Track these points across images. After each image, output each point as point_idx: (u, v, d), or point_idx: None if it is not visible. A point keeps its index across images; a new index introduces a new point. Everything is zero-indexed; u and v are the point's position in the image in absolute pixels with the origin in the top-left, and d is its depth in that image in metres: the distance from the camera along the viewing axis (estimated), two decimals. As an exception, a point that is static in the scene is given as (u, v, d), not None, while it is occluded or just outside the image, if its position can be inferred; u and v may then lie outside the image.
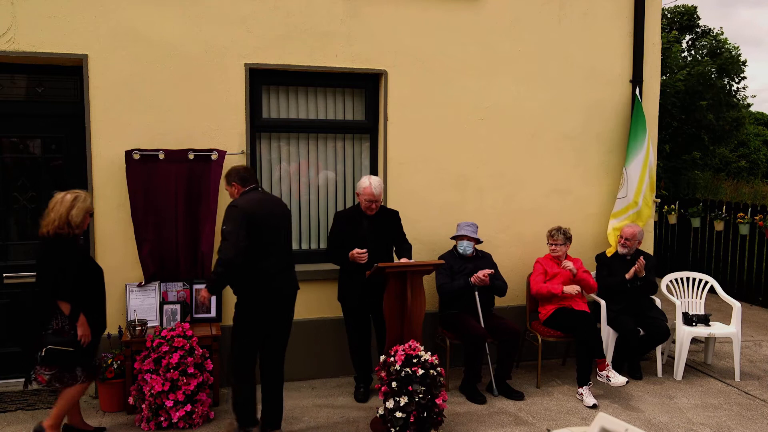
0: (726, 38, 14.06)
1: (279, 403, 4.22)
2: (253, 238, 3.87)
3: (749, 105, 16.35)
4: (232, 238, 3.82)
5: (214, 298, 4.95)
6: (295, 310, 5.21)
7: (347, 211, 5.01)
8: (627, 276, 5.34)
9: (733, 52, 13.58)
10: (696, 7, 15.11)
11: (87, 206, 3.94)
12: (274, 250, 4.00)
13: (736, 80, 13.77)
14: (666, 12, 15.32)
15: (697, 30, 15.10)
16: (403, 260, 4.72)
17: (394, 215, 5.03)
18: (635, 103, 5.77)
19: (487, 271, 5.00)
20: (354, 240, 4.76)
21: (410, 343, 4.26)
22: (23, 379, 4.05)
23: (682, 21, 15.16)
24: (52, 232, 3.83)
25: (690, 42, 14.90)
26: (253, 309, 3.99)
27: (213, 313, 4.97)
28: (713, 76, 12.79)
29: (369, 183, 4.73)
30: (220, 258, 3.85)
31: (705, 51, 13.93)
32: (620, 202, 5.81)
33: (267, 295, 3.98)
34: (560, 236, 5.34)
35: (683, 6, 15.27)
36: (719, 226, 8.70)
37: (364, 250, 4.69)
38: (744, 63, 13.73)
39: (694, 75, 12.55)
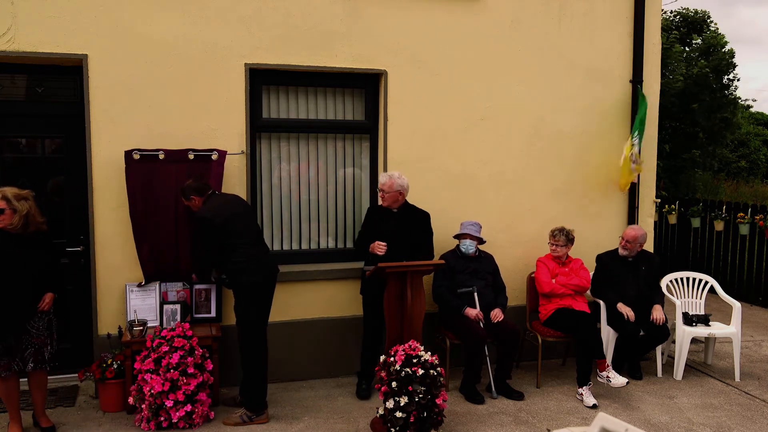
0: (722, 35, 14.03)
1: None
2: (227, 236, 4.33)
3: (749, 107, 16.36)
4: (206, 247, 4.42)
5: (213, 299, 4.97)
6: (294, 310, 5.26)
7: (379, 206, 5.07)
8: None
9: (726, 49, 13.52)
10: (708, 11, 15.15)
11: None
12: (244, 243, 4.37)
13: (730, 78, 13.71)
14: (676, 14, 15.34)
15: (706, 33, 15.10)
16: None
17: (423, 216, 5.06)
18: (640, 100, 5.73)
19: (481, 315, 4.99)
20: (378, 234, 4.90)
21: (410, 343, 4.26)
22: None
23: (695, 20, 15.13)
24: None
25: (696, 45, 14.89)
26: (251, 293, 4.36)
27: (213, 313, 4.97)
28: (709, 77, 12.75)
29: (381, 176, 4.96)
30: (197, 265, 4.70)
31: (699, 50, 13.89)
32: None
33: (259, 278, 4.36)
34: (562, 237, 5.34)
35: (696, 10, 15.29)
36: (719, 226, 8.70)
37: (384, 243, 4.81)
38: (732, 55, 13.65)
39: (691, 77, 12.55)
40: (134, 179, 4.70)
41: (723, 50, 13.48)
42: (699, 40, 14.67)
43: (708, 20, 15.24)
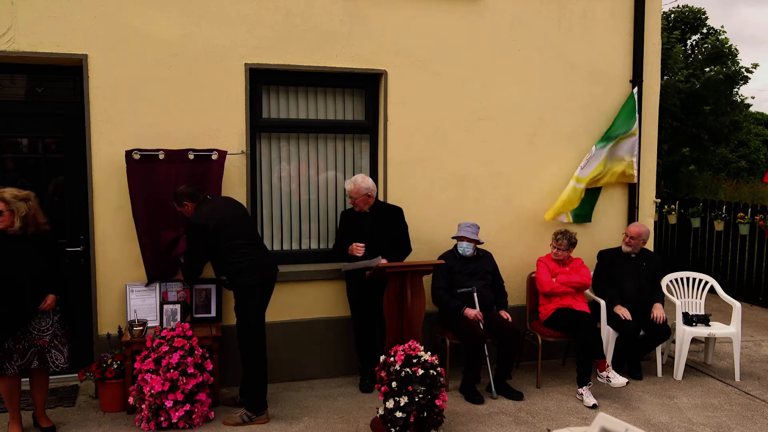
0: (727, 38, 14.00)
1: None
2: (222, 239, 4.31)
3: (749, 105, 16.33)
4: (193, 251, 4.45)
5: (213, 299, 4.97)
6: (294, 310, 5.26)
7: (352, 209, 5.10)
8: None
9: (737, 57, 13.50)
10: (704, 9, 15.12)
11: None
12: (240, 245, 4.35)
13: (739, 85, 13.70)
14: (670, 12, 15.31)
15: (704, 31, 15.06)
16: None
17: (395, 212, 5.12)
18: (629, 99, 5.74)
19: (480, 316, 4.97)
20: (355, 236, 4.97)
21: (410, 343, 4.26)
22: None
23: (688, 20, 15.12)
24: None
25: (694, 43, 14.86)
26: (250, 294, 4.35)
27: (213, 313, 4.97)
28: (721, 83, 12.73)
29: (346, 184, 5.02)
30: (184, 268, 4.60)
31: (706, 52, 13.86)
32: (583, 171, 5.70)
33: (257, 280, 4.35)
34: (564, 241, 5.34)
35: (690, 7, 15.26)
36: (719, 226, 8.70)
37: (362, 245, 4.90)
38: (749, 70, 13.65)
39: (701, 80, 12.53)
40: (135, 179, 4.69)
41: (734, 59, 13.44)
42: (696, 37, 14.66)
43: (704, 18, 15.20)
